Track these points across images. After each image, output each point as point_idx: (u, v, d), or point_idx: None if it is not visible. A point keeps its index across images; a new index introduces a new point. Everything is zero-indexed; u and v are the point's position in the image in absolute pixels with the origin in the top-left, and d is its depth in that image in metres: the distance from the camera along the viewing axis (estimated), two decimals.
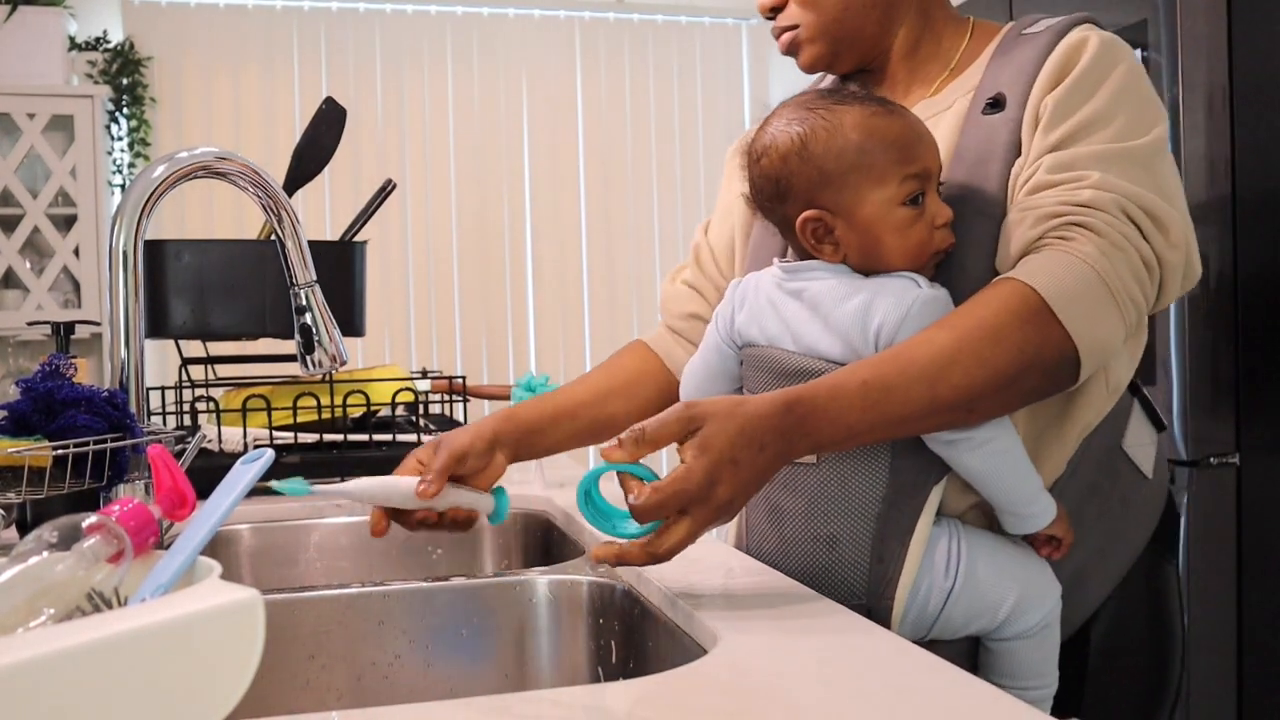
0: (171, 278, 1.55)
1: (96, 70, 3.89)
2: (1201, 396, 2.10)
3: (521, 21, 4.37)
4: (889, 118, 0.99)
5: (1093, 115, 0.99)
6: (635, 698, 0.68)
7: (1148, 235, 0.95)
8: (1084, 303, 0.91)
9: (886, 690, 0.69)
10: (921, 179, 0.98)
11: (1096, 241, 0.93)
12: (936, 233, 0.99)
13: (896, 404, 0.88)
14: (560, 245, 4.40)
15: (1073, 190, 0.95)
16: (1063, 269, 0.92)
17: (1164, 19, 2.09)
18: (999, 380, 0.90)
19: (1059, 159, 0.97)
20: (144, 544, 0.65)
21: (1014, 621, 0.97)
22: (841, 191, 0.98)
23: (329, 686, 1.10)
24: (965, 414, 0.91)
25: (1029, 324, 0.90)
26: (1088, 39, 1.02)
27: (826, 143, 0.98)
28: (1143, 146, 0.98)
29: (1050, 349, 0.91)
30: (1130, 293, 0.94)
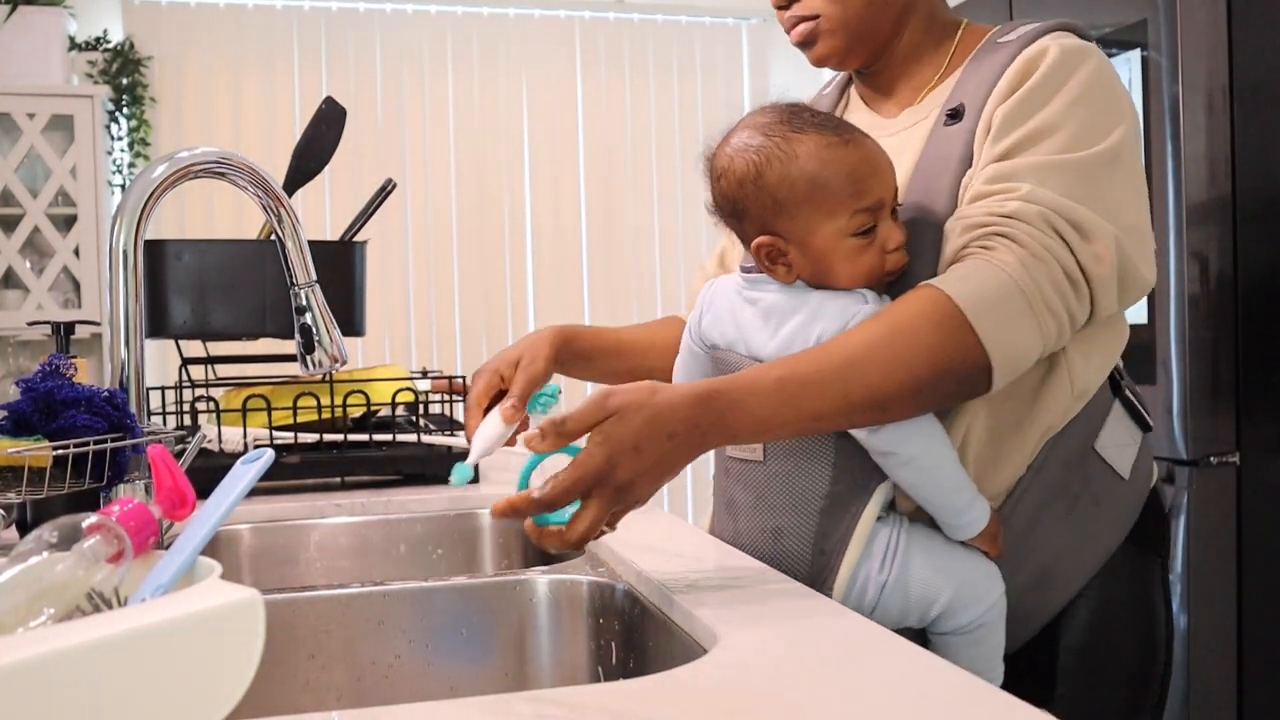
0: (171, 278, 1.55)
1: (96, 70, 3.89)
2: (1201, 396, 2.10)
3: (521, 21, 4.37)
4: (843, 150, 0.99)
5: (1039, 126, 1.00)
6: (635, 697, 0.68)
7: (1073, 247, 0.95)
8: (998, 311, 0.92)
9: (887, 689, 0.69)
10: (873, 211, 1.00)
11: (1016, 251, 0.94)
12: (888, 257, 1.01)
13: (811, 399, 0.90)
14: (560, 245, 4.40)
15: (1001, 201, 0.97)
16: (979, 277, 0.93)
17: (1164, 18, 2.09)
18: (912, 382, 0.92)
19: (998, 170, 0.99)
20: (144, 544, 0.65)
21: (948, 618, 1.00)
22: (794, 220, 1.00)
23: (329, 686, 1.10)
24: (879, 413, 0.93)
25: (943, 329, 0.92)
26: (1048, 50, 1.03)
27: (780, 173, 0.99)
28: (1087, 157, 0.98)
29: (963, 355, 0.92)
30: (1050, 303, 0.94)
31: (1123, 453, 1.08)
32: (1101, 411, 1.08)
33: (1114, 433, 1.08)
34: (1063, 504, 1.05)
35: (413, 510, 1.48)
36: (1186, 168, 2.08)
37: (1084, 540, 1.07)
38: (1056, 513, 1.05)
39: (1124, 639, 1.09)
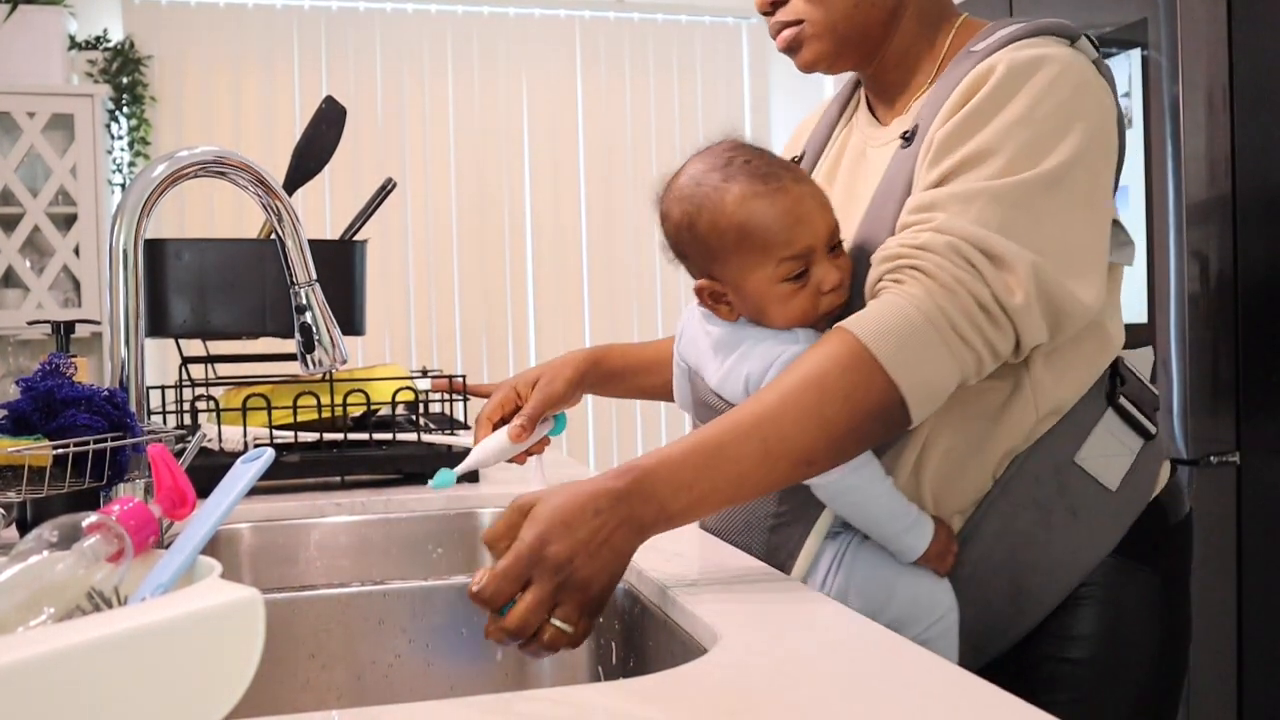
0: (171, 277, 1.55)
1: (96, 69, 3.89)
2: (1201, 395, 2.10)
3: (522, 21, 4.37)
4: (769, 199, 1.00)
5: (974, 151, 0.97)
6: (635, 696, 0.68)
7: (986, 277, 0.93)
8: (908, 347, 0.91)
9: (887, 689, 0.69)
10: (801, 258, 1.01)
11: (925, 284, 0.93)
12: (823, 299, 1.02)
13: (729, 461, 0.89)
14: (560, 244, 4.40)
15: (915, 232, 0.96)
16: (888, 314, 0.92)
17: (1164, 18, 2.09)
18: (830, 432, 0.90)
19: (922, 199, 0.98)
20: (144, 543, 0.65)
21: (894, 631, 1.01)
22: (727, 266, 1.03)
23: (329, 686, 1.10)
24: (806, 468, 0.92)
25: (854, 374, 0.91)
26: (995, 67, 0.99)
27: (710, 223, 1.02)
28: (1020, 182, 0.95)
29: (876, 396, 0.91)
30: (963, 334, 0.93)
31: (1110, 464, 1.05)
32: (1086, 423, 1.05)
33: (1102, 444, 1.05)
34: (1034, 517, 1.03)
35: (413, 509, 1.48)
36: (1186, 167, 2.08)
37: (1060, 554, 1.04)
38: (1027, 526, 1.03)
39: (1118, 655, 1.06)
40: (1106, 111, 1.02)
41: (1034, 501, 1.03)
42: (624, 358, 1.28)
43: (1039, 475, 1.03)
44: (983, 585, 1.03)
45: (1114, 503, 1.05)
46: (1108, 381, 1.07)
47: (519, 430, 1.18)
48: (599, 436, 4.48)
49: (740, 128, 4.61)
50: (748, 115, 4.62)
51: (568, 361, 1.24)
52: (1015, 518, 1.03)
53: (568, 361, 1.24)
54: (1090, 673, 1.05)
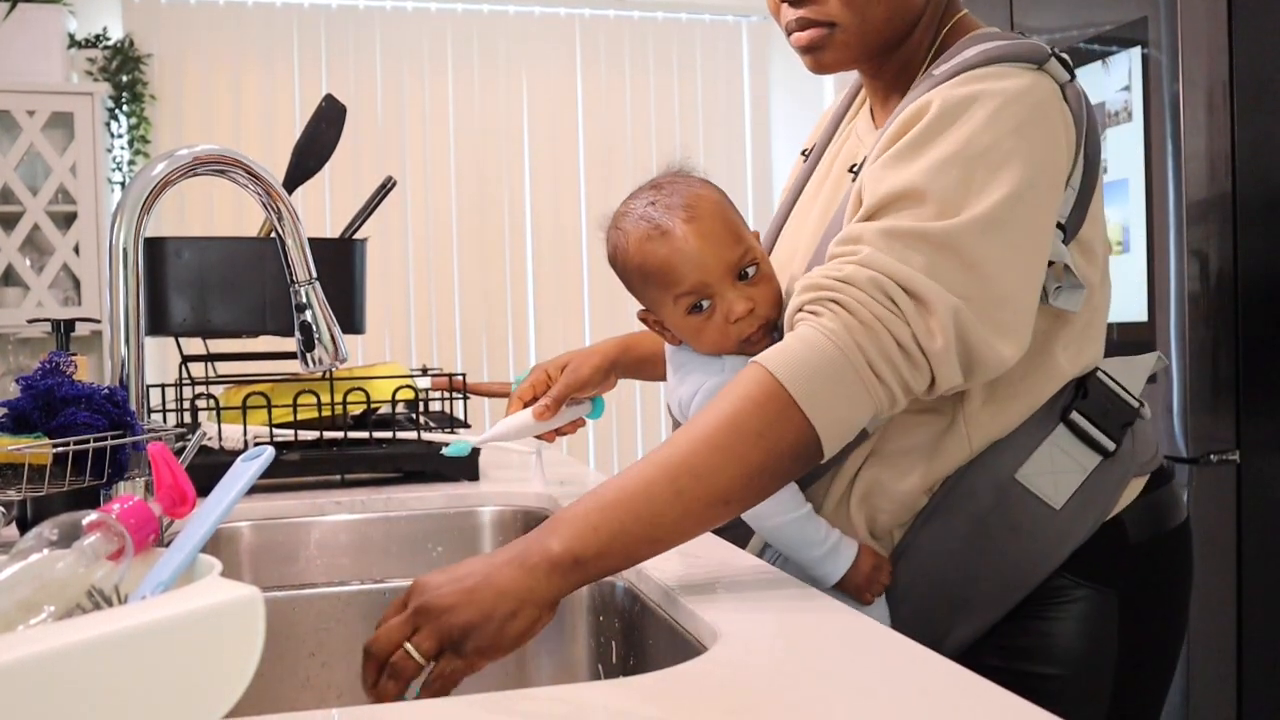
0: (171, 275, 1.55)
1: (96, 67, 3.89)
2: (1202, 394, 2.10)
3: (522, 19, 4.37)
4: (656, 243, 1.05)
5: (903, 189, 0.95)
6: (635, 695, 0.68)
7: (907, 318, 0.91)
8: (823, 384, 0.90)
9: (887, 687, 0.69)
10: (695, 293, 1.05)
11: (844, 319, 0.91)
12: (732, 327, 1.05)
13: (641, 502, 0.87)
14: (560, 242, 4.40)
15: (839, 264, 0.94)
16: (802, 348, 0.91)
17: (1164, 16, 2.09)
18: (747, 469, 0.89)
19: (849, 232, 0.96)
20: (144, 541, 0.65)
21: None
22: (644, 301, 1.11)
23: (329, 684, 1.10)
24: (723, 506, 0.90)
25: (765, 409, 0.90)
26: (929, 105, 0.97)
27: (622, 265, 1.10)
28: (950, 227, 0.92)
29: (792, 434, 0.90)
30: (879, 371, 0.91)
31: (1058, 481, 1.02)
32: (1031, 440, 1.03)
33: (1050, 460, 1.02)
34: (971, 531, 1.02)
35: (413, 508, 1.48)
36: (1187, 166, 2.08)
37: (1001, 567, 1.02)
38: (964, 540, 1.02)
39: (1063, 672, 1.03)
40: (1053, 145, 0.98)
41: (971, 516, 1.02)
42: (654, 345, 1.30)
43: (975, 491, 1.02)
44: (922, 597, 1.03)
45: (1059, 520, 1.02)
46: (1066, 395, 1.04)
47: (543, 409, 1.24)
48: (599, 437, 4.48)
49: (740, 126, 4.61)
50: (748, 113, 4.61)
51: (597, 349, 1.31)
52: (952, 531, 1.02)
53: (597, 349, 1.31)
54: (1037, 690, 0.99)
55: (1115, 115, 2.20)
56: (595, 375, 1.28)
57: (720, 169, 4.48)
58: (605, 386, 1.31)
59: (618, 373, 1.31)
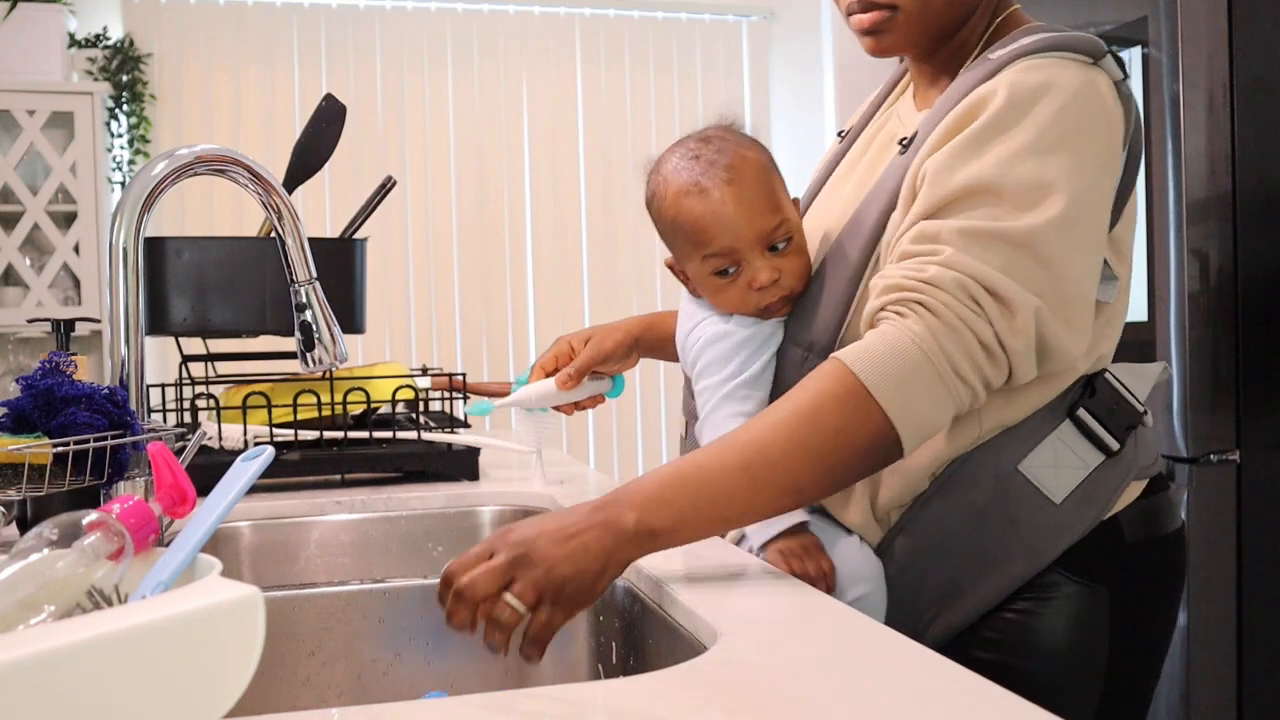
0: (171, 275, 1.55)
1: (96, 67, 3.89)
2: (1202, 393, 2.10)
3: (522, 18, 4.37)
4: (692, 200, 1.06)
5: (973, 183, 0.96)
6: (635, 694, 0.68)
7: (991, 319, 0.93)
8: (904, 383, 0.91)
9: (886, 686, 0.69)
10: (725, 255, 1.06)
11: (929, 320, 0.93)
12: (753, 295, 1.07)
13: (712, 483, 0.90)
14: (560, 242, 4.40)
15: (921, 264, 0.95)
16: (886, 349, 0.92)
17: (1164, 15, 2.09)
18: (817, 461, 0.91)
19: (924, 229, 0.97)
20: (144, 541, 0.65)
21: None
22: (672, 249, 1.12)
23: (329, 684, 1.10)
24: (795, 495, 0.93)
25: (845, 406, 0.91)
26: (994, 94, 0.98)
27: (656, 212, 1.12)
28: (1024, 229, 0.94)
29: (868, 430, 0.92)
30: (962, 373, 0.93)
31: (1061, 476, 1.02)
32: (1037, 432, 1.03)
33: (1052, 454, 1.03)
34: (968, 519, 1.02)
35: (413, 507, 1.48)
36: (1187, 165, 2.08)
37: (995, 558, 1.03)
38: (961, 527, 1.02)
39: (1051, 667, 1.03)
40: (1113, 142, 1.00)
41: (969, 504, 1.02)
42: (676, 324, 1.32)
43: (978, 479, 1.02)
44: (912, 582, 1.03)
45: (1058, 516, 1.03)
46: (1075, 392, 1.05)
47: (566, 378, 1.25)
48: (599, 436, 4.48)
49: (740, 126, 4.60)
50: (748, 112, 4.61)
51: (620, 325, 1.32)
52: (949, 518, 1.03)
53: (620, 325, 1.32)
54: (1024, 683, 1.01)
55: None
56: (618, 349, 1.29)
57: None
58: (627, 363, 1.31)
59: (640, 350, 1.32)
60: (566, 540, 0.85)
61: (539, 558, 0.83)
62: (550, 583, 0.83)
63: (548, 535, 0.85)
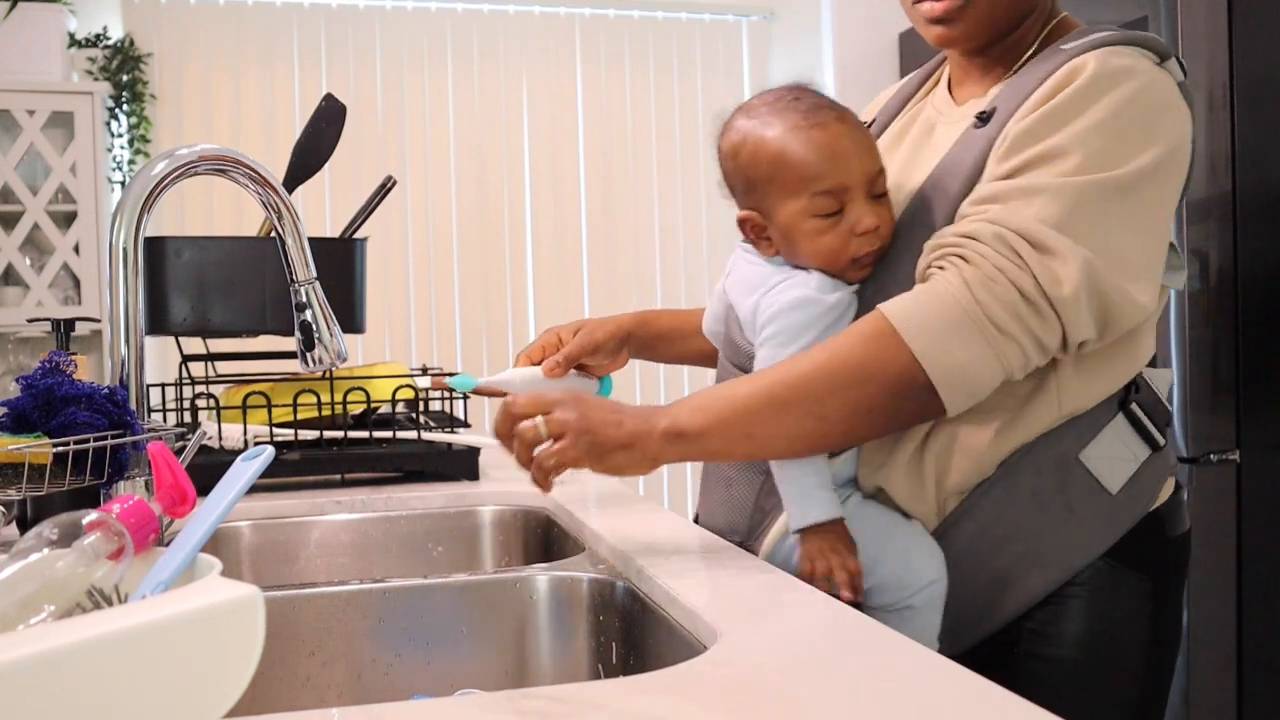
0: (171, 274, 1.55)
1: (96, 67, 3.88)
2: (1202, 393, 2.10)
3: (522, 18, 4.37)
4: (808, 133, 1.04)
5: (1048, 150, 0.98)
6: (635, 694, 0.68)
7: (1032, 268, 0.94)
8: (936, 330, 0.93)
9: (886, 686, 0.69)
10: (835, 194, 1.03)
11: (965, 271, 0.94)
12: (854, 240, 1.04)
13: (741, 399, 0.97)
14: (560, 242, 4.40)
15: (968, 223, 0.97)
16: (922, 298, 0.95)
17: (1164, 15, 2.09)
18: (841, 390, 0.94)
19: (984, 190, 0.99)
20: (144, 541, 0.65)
21: (875, 594, 1.03)
22: (764, 198, 1.07)
23: (329, 683, 1.10)
24: (819, 421, 0.96)
25: (872, 343, 0.95)
26: (1085, 66, 1.00)
27: (752, 153, 1.06)
28: (1087, 184, 0.96)
29: (893, 367, 0.94)
30: (1001, 324, 0.93)
31: (1116, 467, 1.05)
32: (1096, 423, 1.05)
33: (1109, 445, 1.05)
34: (1029, 508, 1.03)
35: (413, 507, 1.48)
36: None
37: (1051, 548, 1.04)
38: (1021, 516, 1.03)
39: (1100, 657, 1.05)
40: (1183, 137, 1.02)
41: (1032, 493, 1.03)
42: (671, 320, 1.33)
43: (1041, 467, 1.03)
44: (968, 570, 1.03)
45: (1112, 506, 1.05)
46: (1123, 388, 1.07)
47: (554, 365, 1.25)
48: None
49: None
50: None
51: (612, 319, 1.31)
52: (1010, 506, 1.03)
53: (612, 319, 1.31)
54: (1073, 672, 1.05)
55: None
56: (609, 342, 1.28)
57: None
58: (618, 360, 1.30)
59: (632, 347, 1.31)
60: (610, 412, 0.97)
61: (581, 408, 0.97)
62: (578, 426, 0.96)
63: (597, 403, 0.98)
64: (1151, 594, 1.07)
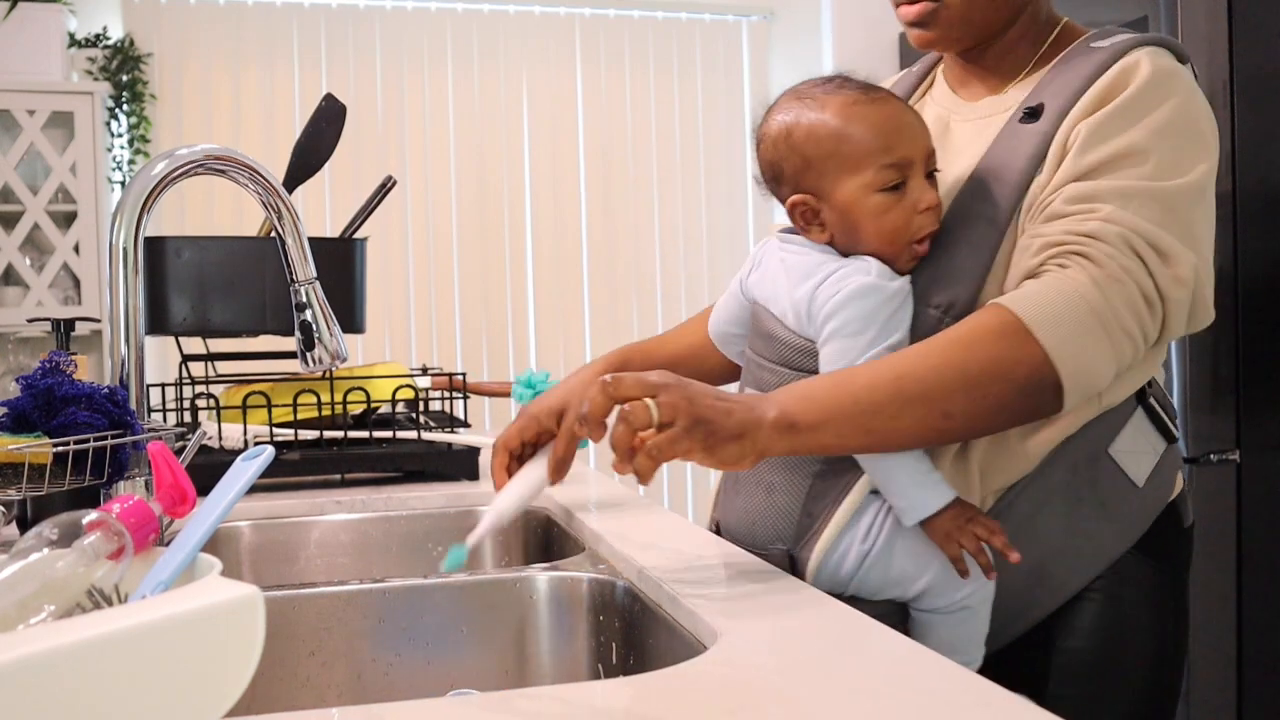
0: (171, 274, 1.55)
1: (96, 67, 3.88)
2: (1202, 393, 2.10)
3: (522, 18, 4.37)
4: (869, 106, 1.02)
5: (1125, 148, 0.99)
6: (635, 694, 0.68)
7: (1152, 270, 0.95)
8: (1067, 328, 0.92)
9: (886, 686, 0.69)
10: (900, 167, 1.01)
11: (1092, 271, 0.94)
12: (917, 217, 1.02)
13: (861, 388, 0.91)
14: (560, 242, 4.40)
15: (1080, 220, 0.97)
16: (1051, 294, 0.93)
17: (1164, 15, 2.09)
18: (970, 387, 0.92)
19: (1078, 190, 0.98)
20: (144, 541, 0.65)
21: (929, 597, 1.01)
22: (822, 177, 1.03)
23: (329, 683, 1.10)
24: (943, 419, 0.92)
25: (1003, 340, 0.92)
26: (1139, 64, 1.02)
27: (808, 130, 1.03)
28: (1173, 188, 0.98)
29: (1025, 366, 0.92)
30: (1125, 325, 0.94)
31: (1140, 460, 1.06)
32: (1122, 417, 1.06)
33: (1133, 439, 1.06)
34: (1064, 504, 1.05)
35: (413, 507, 1.48)
36: None
37: (1085, 543, 1.05)
38: (1056, 512, 1.04)
39: (1128, 649, 1.06)
40: (1216, 134, 1.05)
41: (1067, 488, 1.04)
42: (647, 359, 1.26)
43: (1076, 464, 1.05)
44: (1006, 567, 1.03)
45: (1139, 499, 1.07)
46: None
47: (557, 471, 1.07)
48: None
49: (741, 124, 4.61)
50: (748, 112, 4.61)
51: (589, 373, 1.19)
52: (1046, 504, 1.04)
53: (589, 373, 1.19)
54: (1094, 663, 1.06)
55: None
56: None
57: (720, 168, 4.48)
58: None
59: None
60: (717, 399, 0.88)
61: (690, 393, 0.87)
62: (689, 412, 0.86)
63: (702, 388, 0.89)
64: (1170, 584, 1.09)
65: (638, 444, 0.86)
